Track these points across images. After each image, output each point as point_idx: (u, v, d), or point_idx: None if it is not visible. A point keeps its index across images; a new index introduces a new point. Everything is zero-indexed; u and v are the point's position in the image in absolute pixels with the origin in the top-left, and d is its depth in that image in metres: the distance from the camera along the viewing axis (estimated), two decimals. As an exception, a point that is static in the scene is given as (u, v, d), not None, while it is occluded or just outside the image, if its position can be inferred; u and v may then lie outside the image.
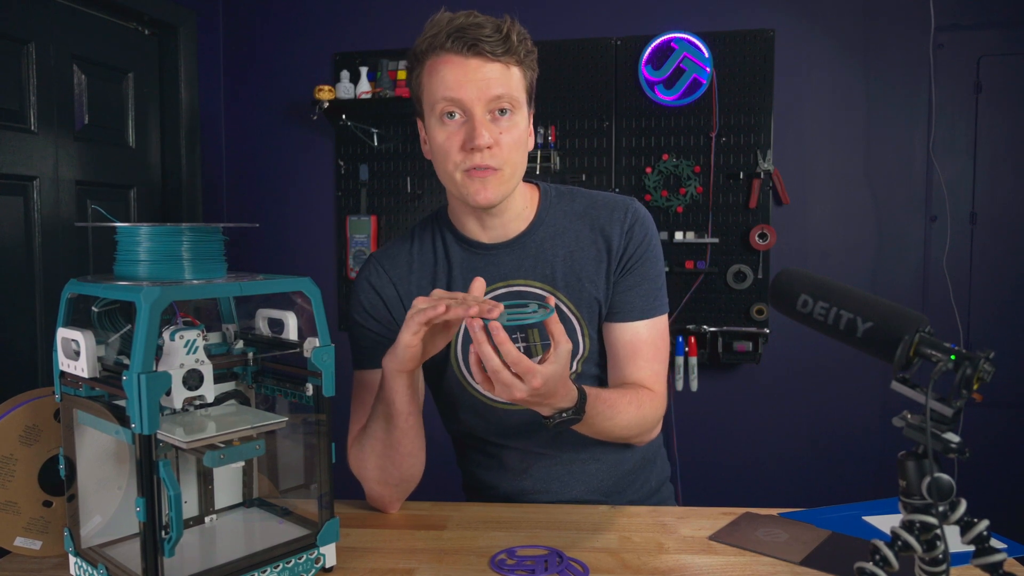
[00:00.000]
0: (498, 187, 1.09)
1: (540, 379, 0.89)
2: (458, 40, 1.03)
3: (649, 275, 1.19)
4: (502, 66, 1.05)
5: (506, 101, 1.06)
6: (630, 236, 1.18)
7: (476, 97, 1.04)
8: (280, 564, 0.89)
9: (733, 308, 2.70)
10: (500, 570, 0.94)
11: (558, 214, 1.21)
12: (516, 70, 1.07)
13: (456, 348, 1.20)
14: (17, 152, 2.18)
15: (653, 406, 1.16)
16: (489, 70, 1.04)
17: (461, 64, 1.04)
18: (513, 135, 1.07)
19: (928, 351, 0.64)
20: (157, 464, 0.76)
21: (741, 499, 1.66)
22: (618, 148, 2.75)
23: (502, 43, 1.03)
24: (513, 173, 1.10)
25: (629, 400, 1.11)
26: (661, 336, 1.20)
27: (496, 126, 1.06)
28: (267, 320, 0.99)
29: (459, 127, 1.06)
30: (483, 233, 1.19)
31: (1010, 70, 2.56)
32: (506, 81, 1.05)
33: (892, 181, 2.67)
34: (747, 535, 1.05)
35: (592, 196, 1.23)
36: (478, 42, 1.02)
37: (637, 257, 1.18)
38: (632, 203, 1.21)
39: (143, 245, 0.84)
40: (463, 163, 1.07)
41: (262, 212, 3.02)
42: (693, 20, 2.69)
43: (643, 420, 1.14)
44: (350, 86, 2.76)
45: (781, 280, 0.76)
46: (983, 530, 0.63)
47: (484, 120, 1.05)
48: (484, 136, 1.04)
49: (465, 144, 1.06)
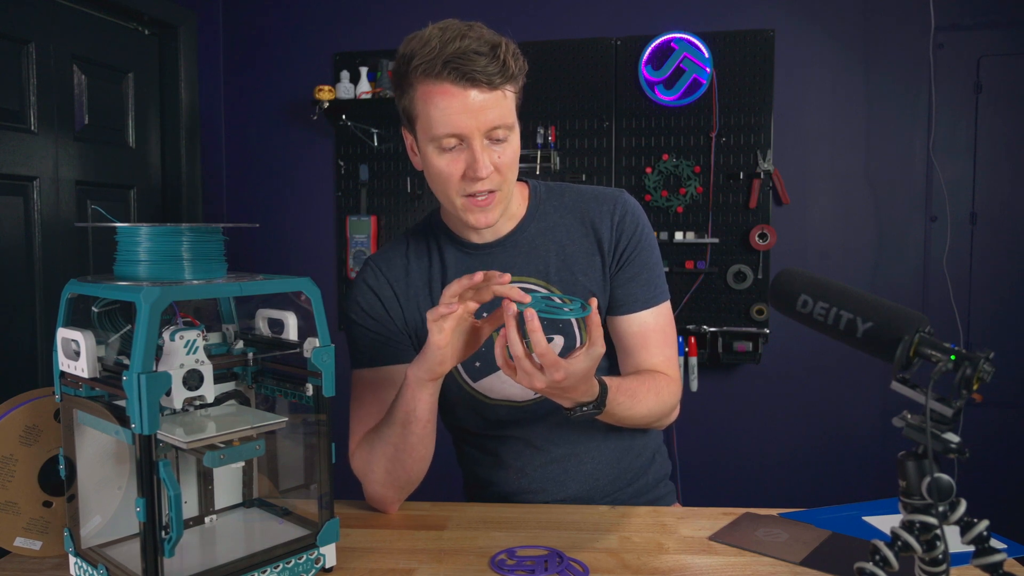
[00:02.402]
0: (498, 207, 1.11)
1: (563, 374, 0.90)
2: (455, 71, 1.01)
3: (647, 264, 1.20)
4: (499, 94, 1.04)
5: (503, 129, 1.06)
6: (621, 229, 1.19)
7: (476, 128, 1.04)
8: (280, 564, 0.89)
9: (733, 308, 2.70)
10: (500, 570, 0.94)
11: (548, 210, 1.22)
12: (510, 92, 1.07)
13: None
14: (17, 152, 2.18)
15: (671, 390, 1.17)
16: (486, 100, 1.03)
17: (459, 96, 1.02)
18: (508, 156, 1.08)
19: (928, 351, 0.64)
20: (157, 464, 0.76)
21: (741, 499, 1.66)
22: (618, 148, 2.75)
23: (500, 73, 1.02)
24: (509, 189, 1.12)
25: (648, 387, 1.12)
26: (668, 322, 1.22)
27: (494, 151, 1.07)
28: (267, 320, 0.99)
29: (458, 155, 1.07)
30: (475, 234, 1.20)
31: (1010, 70, 2.56)
32: (502, 108, 1.05)
33: (892, 181, 2.67)
34: (747, 535, 1.05)
35: (581, 190, 1.24)
36: (475, 74, 1.01)
37: (632, 248, 1.19)
38: (621, 195, 1.22)
39: (143, 245, 0.84)
40: (464, 189, 1.08)
41: (262, 212, 3.02)
42: (693, 20, 2.69)
43: (663, 405, 1.16)
44: (350, 86, 2.76)
45: (781, 280, 0.76)
46: (983, 530, 0.63)
47: (483, 149, 1.05)
48: (485, 167, 1.05)
49: (466, 173, 1.06)
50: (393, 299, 1.22)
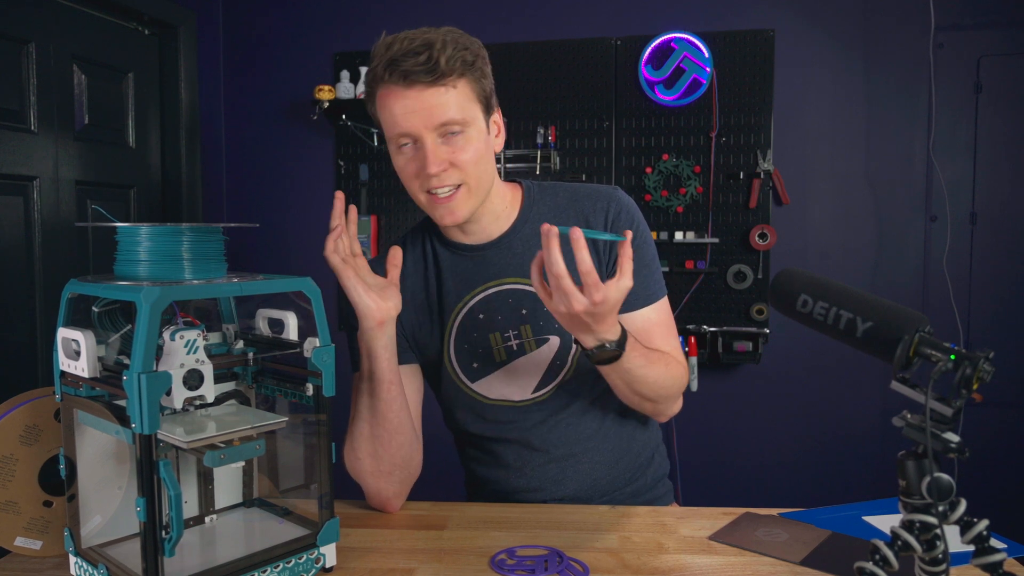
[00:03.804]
0: (465, 203, 1.11)
1: (602, 296, 0.90)
2: (394, 72, 1.04)
3: (644, 260, 1.20)
4: (442, 89, 1.05)
5: (453, 123, 1.06)
6: (616, 228, 1.19)
7: (422, 126, 1.06)
8: (280, 564, 0.89)
9: (733, 308, 2.70)
10: (500, 570, 0.94)
11: (542, 209, 1.22)
12: (459, 86, 1.07)
13: (449, 349, 1.21)
14: (17, 152, 2.18)
15: (679, 371, 1.17)
16: (429, 97, 1.04)
17: (401, 96, 1.05)
18: (469, 152, 1.08)
19: (928, 351, 0.64)
20: (157, 464, 0.76)
21: (741, 499, 1.66)
22: (618, 148, 2.75)
23: (431, 71, 1.03)
24: (479, 184, 1.12)
25: (659, 356, 1.13)
26: (668, 316, 1.23)
27: (450, 146, 1.08)
28: (267, 320, 0.99)
29: (413, 154, 1.09)
30: (465, 237, 1.21)
31: (1010, 70, 2.56)
32: (448, 103, 1.05)
33: (892, 181, 2.67)
34: (747, 535, 1.05)
35: (574, 188, 1.24)
36: (409, 73, 1.03)
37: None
38: (615, 193, 1.22)
39: (143, 245, 0.84)
40: (423, 186, 1.10)
41: (262, 212, 3.02)
42: (693, 20, 2.69)
43: (673, 381, 1.15)
44: (350, 86, 2.76)
45: (781, 280, 0.76)
46: (983, 530, 0.63)
47: (434, 146, 1.07)
48: (434, 165, 1.06)
49: (420, 171, 1.08)
50: None
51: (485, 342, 1.19)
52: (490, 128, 1.14)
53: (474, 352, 1.20)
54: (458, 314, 1.20)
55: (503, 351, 1.19)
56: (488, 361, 1.20)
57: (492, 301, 1.19)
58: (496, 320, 1.19)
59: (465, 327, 1.20)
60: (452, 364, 1.21)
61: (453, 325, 1.20)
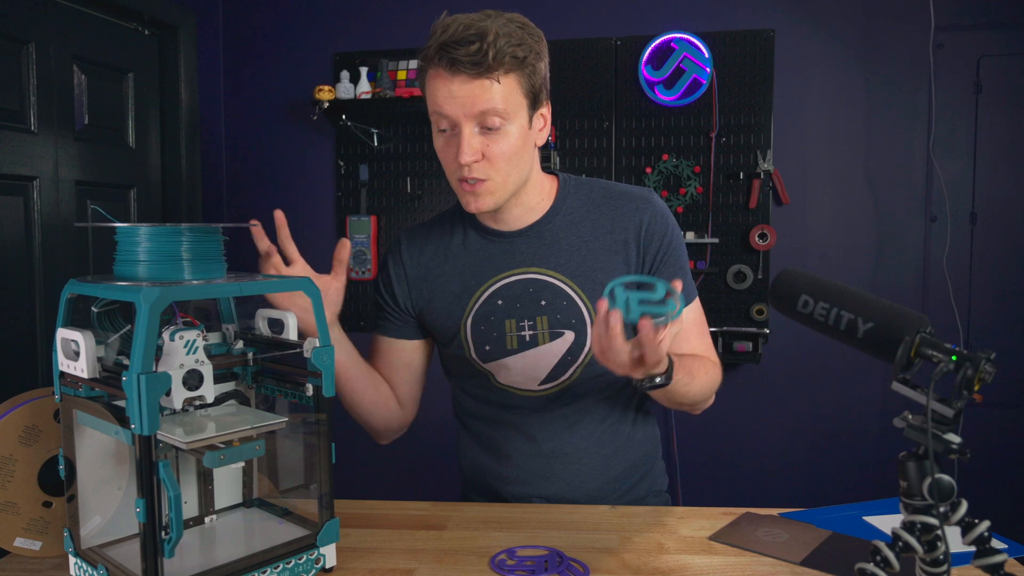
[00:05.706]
0: (489, 197, 1.13)
1: (657, 358, 0.88)
2: (443, 57, 1.04)
3: (679, 264, 1.22)
4: (487, 82, 1.05)
5: (492, 116, 1.06)
6: (651, 233, 1.20)
7: (462, 114, 1.06)
8: (280, 564, 0.89)
9: (733, 308, 2.70)
10: (500, 570, 0.94)
11: (575, 203, 1.23)
12: (506, 81, 1.06)
13: (466, 329, 1.22)
14: (17, 152, 2.17)
15: (716, 373, 1.21)
16: (473, 87, 1.05)
17: (447, 81, 1.06)
18: (502, 147, 1.09)
19: (929, 352, 0.64)
20: (157, 465, 0.76)
21: (741, 499, 1.66)
22: (618, 148, 2.75)
23: (478, 63, 1.03)
24: (505, 182, 1.12)
25: (699, 367, 1.14)
26: (701, 314, 1.26)
27: (485, 138, 1.08)
28: (267, 320, 0.99)
29: (451, 139, 1.10)
30: (496, 223, 1.23)
31: (1010, 70, 2.56)
32: (491, 96, 1.05)
33: (892, 181, 2.67)
34: (747, 535, 1.05)
35: (609, 187, 1.25)
36: (456, 62, 1.03)
37: (664, 252, 1.21)
38: (649, 196, 1.23)
39: (143, 245, 0.84)
40: (456, 172, 1.12)
41: (262, 212, 3.00)
42: (693, 20, 2.69)
43: (711, 385, 1.19)
44: (350, 86, 2.76)
45: (781, 280, 0.76)
46: (984, 531, 0.63)
47: (470, 135, 1.07)
48: (466, 154, 1.07)
49: (455, 157, 1.09)
50: (401, 276, 1.27)
51: (500, 327, 1.20)
52: (534, 122, 1.14)
53: (488, 336, 1.21)
54: (479, 297, 1.21)
55: (515, 339, 1.20)
56: (500, 347, 1.20)
57: (513, 288, 1.20)
58: (515, 308, 1.20)
59: (484, 311, 1.21)
60: (468, 343, 1.23)
61: (473, 307, 1.21)
